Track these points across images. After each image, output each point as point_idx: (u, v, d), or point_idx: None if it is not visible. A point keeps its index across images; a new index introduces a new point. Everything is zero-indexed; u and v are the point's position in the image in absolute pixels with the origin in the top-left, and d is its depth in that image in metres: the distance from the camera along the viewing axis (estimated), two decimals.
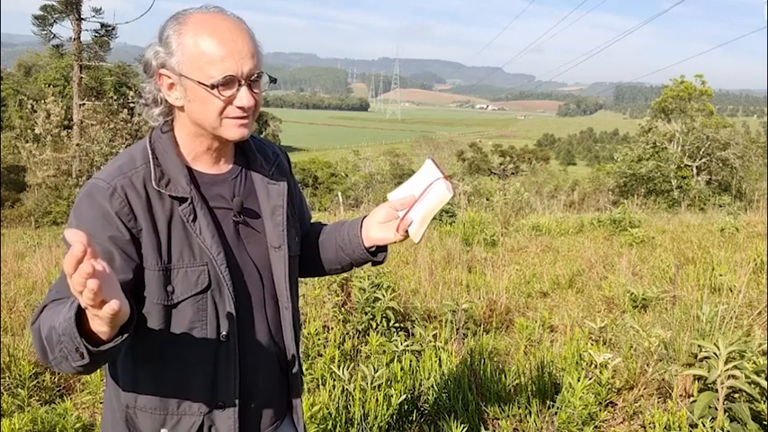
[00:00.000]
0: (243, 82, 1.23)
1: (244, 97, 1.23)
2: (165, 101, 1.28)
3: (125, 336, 1.06)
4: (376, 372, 3.32)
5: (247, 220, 1.37)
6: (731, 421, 2.86)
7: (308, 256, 1.57)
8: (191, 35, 1.21)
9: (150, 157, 1.27)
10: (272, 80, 1.29)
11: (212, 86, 1.20)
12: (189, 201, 1.26)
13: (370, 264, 1.55)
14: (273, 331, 1.42)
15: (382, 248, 1.51)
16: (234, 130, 1.27)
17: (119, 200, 1.21)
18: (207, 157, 1.34)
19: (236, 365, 1.32)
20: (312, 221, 1.66)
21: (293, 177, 1.55)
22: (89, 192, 1.23)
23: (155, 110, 1.29)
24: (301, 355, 3.79)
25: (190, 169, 1.31)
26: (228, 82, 1.21)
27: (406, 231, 1.43)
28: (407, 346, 3.86)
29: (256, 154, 1.42)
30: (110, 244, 1.20)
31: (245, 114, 1.26)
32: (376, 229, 1.46)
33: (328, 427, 3.00)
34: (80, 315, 1.03)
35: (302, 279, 1.66)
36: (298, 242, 1.49)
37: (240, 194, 1.36)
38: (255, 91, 1.26)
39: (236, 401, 1.33)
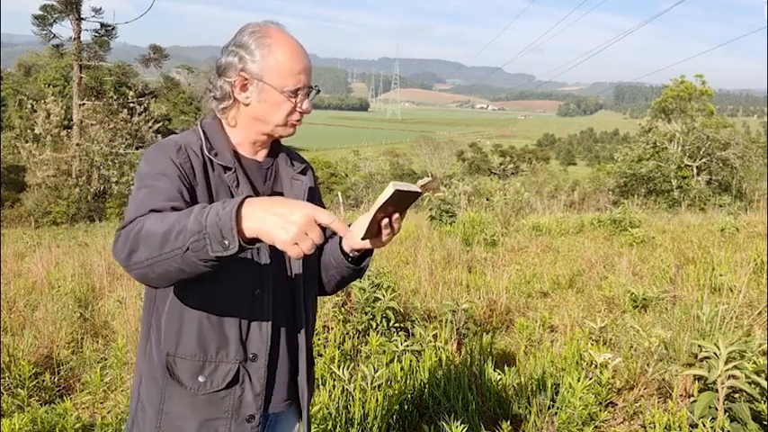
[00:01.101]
0: (306, 92, 1.50)
1: (307, 104, 1.52)
2: (231, 97, 1.50)
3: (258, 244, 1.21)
4: (376, 372, 3.31)
5: None
6: (731, 421, 2.86)
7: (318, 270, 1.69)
8: (275, 48, 1.46)
9: (202, 134, 1.51)
10: (317, 91, 1.55)
11: (289, 94, 1.47)
12: (233, 170, 1.49)
13: (349, 269, 1.61)
14: (288, 310, 1.56)
15: (368, 253, 1.60)
16: (290, 130, 1.54)
17: (183, 155, 1.44)
18: (248, 147, 1.56)
19: (268, 320, 1.49)
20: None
21: (318, 190, 1.73)
22: (158, 145, 1.47)
23: (221, 103, 1.52)
24: (314, 348, 3.82)
25: (234, 150, 1.54)
26: (299, 92, 1.48)
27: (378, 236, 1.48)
28: (407, 346, 3.86)
29: (286, 155, 1.65)
30: (179, 182, 1.39)
31: (300, 118, 1.53)
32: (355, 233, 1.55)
33: (328, 428, 3.00)
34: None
35: None
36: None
37: (270, 180, 1.59)
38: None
39: (267, 354, 1.49)
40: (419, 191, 1.39)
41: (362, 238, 1.47)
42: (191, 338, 1.45)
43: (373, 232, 1.46)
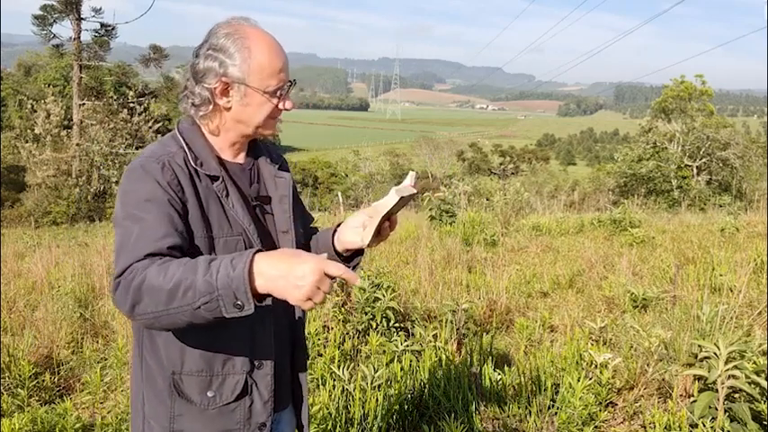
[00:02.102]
0: (287, 89, 1.48)
1: (288, 102, 1.49)
2: (212, 103, 1.45)
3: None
4: (376, 372, 3.31)
5: (263, 205, 1.56)
6: (731, 421, 2.86)
7: None
8: (254, 50, 1.41)
9: (183, 142, 1.46)
10: (294, 84, 1.51)
11: (271, 93, 1.44)
12: (221, 179, 1.45)
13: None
14: (289, 309, 1.58)
15: (359, 252, 1.64)
16: (272, 129, 1.52)
17: (169, 173, 1.38)
18: (229, 150, 1.53)
19: (270, 328, 1.48)
20: (311, 226, 1.80)
21: (292, 179, 1.69)
22: (142, 167, 1.38)
23: (201, 110, 1.46)
24: (312, 346, 3.83)
25: (217, 155, 1.51)
26: (281, 90, 1.46)
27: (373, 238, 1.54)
28: (407, 346, 3.86)
29: (264, 152, 1.62)
30: (170, 208, 1.35)
31: (280, 114, 1.51)
32: (348, 233, 1.59)
33: (328, 428, 3.00)
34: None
35: None
36: (302, 233, 1.64)
37: (255, 182, 1.57)
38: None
39: (272, 360, 1.48)
40: (416, 191, 1.47)
41: (368, 245, 1.52)
42: (195, 354, 1.42)
43: (376, 234, 1.52)
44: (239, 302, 1.17)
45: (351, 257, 1.63)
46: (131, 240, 1.30)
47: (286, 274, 1.16)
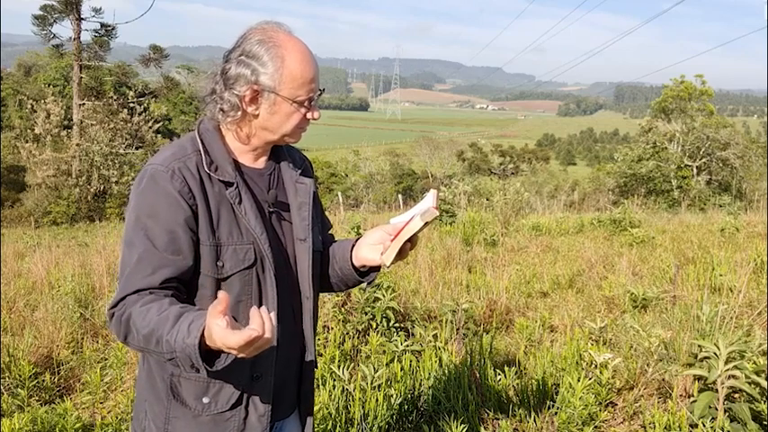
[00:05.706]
0: (316, 99, 1.46)
1: (317, 112, 1.49)
2: (240, 109, 1.42)
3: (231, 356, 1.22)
4: (376, 372, 3.31)
5: (280, 212, 1.53)
6: (731, 421, 2.86)
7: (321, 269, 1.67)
8: (287, 59, 1.40)
9: (200, 145, 1.43)
10: (323, 91, 1.50)
11: (300, 103, 1.43)
12: (235, 185, 1.42)
13: (357, 281, 1.65)
14: (296, 317, 1.55)
15: (375, 269, 1.63)
16: (298, 137, 1.51)
17: (179, 180, 1.36)
18: (249, 155, 1.51)
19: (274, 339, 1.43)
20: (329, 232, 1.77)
21: (315, 185, 1.67)
22: (151, 176, 1.38)
23: (228, 116, 1.43)
24: (316, 349, 3.83)
25: (234, 160, 1.48)
26: (310, 100, 1.45)
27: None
28: (407, 346, 3.86)
29: (287, 156, 1.60)
30: (174, 223, 1.35)
31: (308, 123, 1.50)
32: (366, 250, 1.59)
33: (328, 427, 3.00)
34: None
35: None
36: (320, 240, 1.62)
37: (274, 188, 1.53)
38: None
39: (272, 374, 1.46)
40: (438, 214, 1.51)
41: (391, 264, 1.53)
42: None
43: (397, 254, 1.54)
44: (195, 366, 1.22)
45: (367, 272, 1.63)
46: (126, 272, 1.34)
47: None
